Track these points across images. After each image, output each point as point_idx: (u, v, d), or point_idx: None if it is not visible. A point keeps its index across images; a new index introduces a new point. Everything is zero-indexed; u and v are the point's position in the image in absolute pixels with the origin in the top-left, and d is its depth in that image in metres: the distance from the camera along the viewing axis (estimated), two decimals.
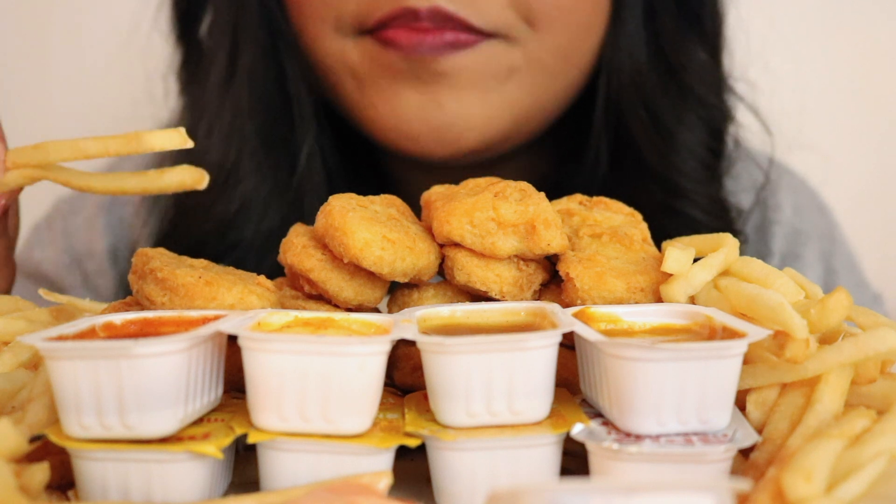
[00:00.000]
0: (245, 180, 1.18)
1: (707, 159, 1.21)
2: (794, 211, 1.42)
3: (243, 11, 1.17)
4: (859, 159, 2.02)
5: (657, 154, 1.18)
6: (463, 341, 0.63)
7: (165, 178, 0.78)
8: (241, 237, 1.18)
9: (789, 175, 1.44)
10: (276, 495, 0.61)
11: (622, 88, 1.18)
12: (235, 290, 0.72)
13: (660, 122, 1.18)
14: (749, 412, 0.69)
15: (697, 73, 1.20)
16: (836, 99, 2.01)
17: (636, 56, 1.18)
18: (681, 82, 1.20)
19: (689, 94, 1.20)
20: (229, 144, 1.17)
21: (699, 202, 1.19)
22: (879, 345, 0.66)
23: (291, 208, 1.19)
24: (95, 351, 0.61)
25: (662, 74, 1.19)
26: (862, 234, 1.63)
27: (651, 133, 1.18)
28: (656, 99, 1.18)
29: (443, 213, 0.76)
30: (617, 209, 0.86)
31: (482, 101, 1.11)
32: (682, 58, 1.20)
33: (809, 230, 1.42)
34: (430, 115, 1.11)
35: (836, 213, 1.50)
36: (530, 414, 0.64)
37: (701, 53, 1.21)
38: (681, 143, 1.19)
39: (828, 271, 1.41)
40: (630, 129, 1.19)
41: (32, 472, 0.60)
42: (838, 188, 1.64)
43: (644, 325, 0.71)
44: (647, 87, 1.18)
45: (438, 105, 1.11)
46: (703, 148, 1.21)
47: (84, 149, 0.77)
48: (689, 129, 1.19)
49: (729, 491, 0.52)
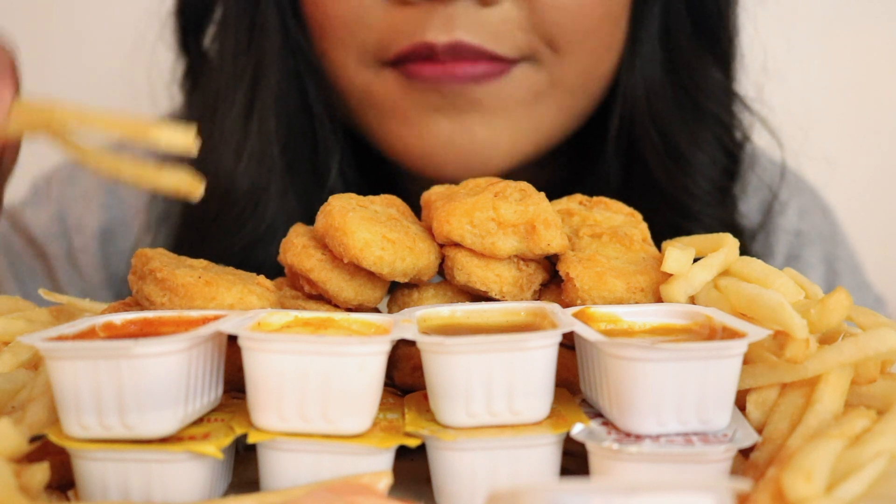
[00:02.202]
0: (273, 203, 1.17)
1: (721, 180, 1.21)
2: (797, 213, 1.41)
3: (264, 35, 1.15)
4: (862, 162, 2.02)
5: (667, 175, 1.18)
6: (463, 341, 0.63)
7: (162, 177, 0.76)
8: (266, 260, 1.16)
9: (793, 177, 1.44)
10: (276, 495, 0.61)
11: (636, 108, 1.18)
12: (235, 290, 0.72)
13: (672, 143, 1.18)
14: (749, 412, 0.69)
15: (713, 92, 1.20)
16: (839, 103, 2.01)
17: (651, 75, 1.18)
18: (695, 102, 1.19)
19: (704, 113, 1.20)
20: (259, 170, 1.16)
21: (709, 224, 1.18)
22: (879, 345, 0.66)
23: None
24: (95, 351, 0.61)
25: (677, 94, 1.19)
26: (864, 236, 1.63)
27: (662, 154, 1.18)
28: (670, 119, 1.18)
29: (443, 213, 0.76)
30: (617, 209, 0.86)
31: (511, 127, 1.11)
32: (697, 78, 1.19)
33: (812, 232, 1.42)
34: (460, 142, 1.11)
35: (839, 215, 1.50)
36: (530, 414, 0.64)
37: (716, 73, 1.21)
38: (694, 165, 1.18)
39: (830, 273, 1.41)
40: (642, 149, 1.18)
41: (32, 472, 0.60)
42: (841, 190, 1.64)
43: (644, 325, 0.71)
44: (660, 108, 1.18)
45: (469, 132, 1.10)
46: (718, 169, 1.20)
47: (90, 120, 0.75)
48: (702, 149, 1.19)
49: (729, 491, 0.52)
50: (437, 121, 1.10)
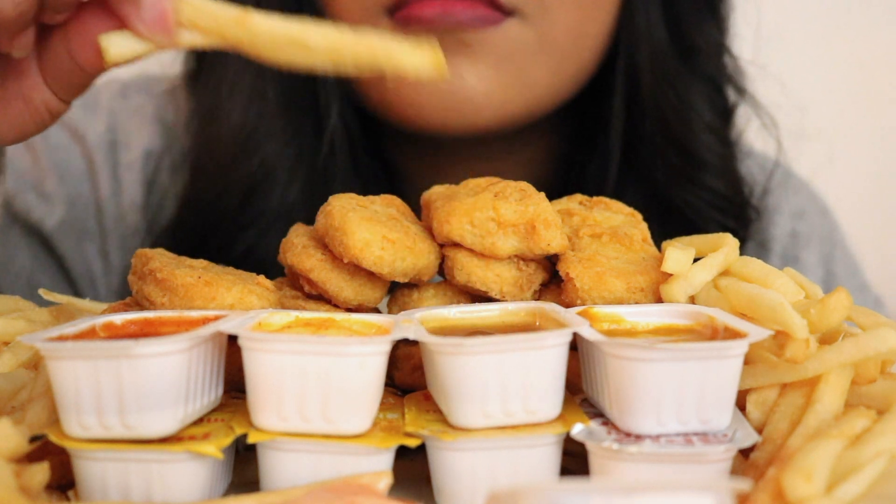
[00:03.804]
0: (265, 144, 1.17)
1: (721, 132, 1.24)
2: (795, 214, 1.41)
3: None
4: (861, 162, 2.02)
5: (682, 125, 1.20)
6: (480, 342, 0.62)
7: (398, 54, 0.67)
8: (266, 207, 1.17)
9: (791, 177, 1.44)
10: (276, 495, 0.61)
11: (642, 68, 1.20)
12: (235, 290, 0.72)
13: (682, 97, 1.21)
14: (749, 412, 0.69)
15: (713, 54, 1.23)
16: (839, 101, 2.01)
17: (655, 36, 1.20)
18: (696, 62, 1.22)
19: (703, 72, 1.22)
20: (249, 106, 1.17)
21: (719, 172, 1.22)
22: (879, 345, 0.66)
23: (316, 184, 1.19)
24: (96, 351, 0.61)
25: (680, 53, 1.21)
26: (863, 236, 1.63)
27: (676, 107, 1.20)
28: (677, 76, 1.21)
29: (443, 213, 0.76)
30: (617, 209, 0.86)
31: (501, 81, 1.12)
32: (698, 38, 1.22)
33: (810, 233, 1.42)
34: (450, 87, 1.11)
35: (838, 215, 1.49)
36: (545, 413, 0.64)
37: (716, 34, 1.24)
38: (699, 117, 1.22)
39: (828, 274, 1.41)
40: (653, 106, 1.21)
41: (32, 472, 0.60)
42: (840, 190, 1.64)
43: (647, 326, 0.71)
44: (668, 65, 1.20)
45: (459, 77, 1.11)
46: (718, 121, 1.24)
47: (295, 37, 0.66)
48: (703, 102, 1.22)
49: (729, 491, 0.52)
50: None
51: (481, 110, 1.13)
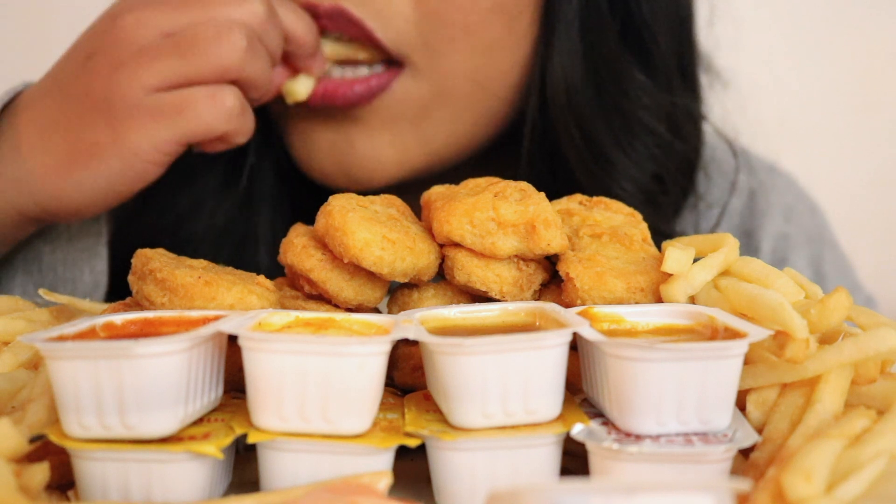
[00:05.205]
0: (199, 175, 1.18)
1: (649, 186, 1.14)
2: (783, 214, 1.38)
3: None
4: (854, 161, 2.02)
5: (589, 176, 1.12)
6: (481, 341, 0.62)
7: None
8: (193, 231, 1.18)
9: (779, 176, 1.41)
10: (276, 495, 0.61)
11: (557, 109, 1.11)
12: (235, 290, 0.72)
13: (595, 143, 1.12)
14: (749, 412, 0.69)
15: (638, 96, 1.13)
16: (833, 101, 2.01)
17: (571, 71, 1.10)
18: (619, 104, 1.12)
19: (630, 117, 1.13)
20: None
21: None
22: (879, 345, 0.66)
23: (241, 208, 1.20)
24: (96, 351, 0.61)
25: (601, 93, 1.12)
26: (857, 235, 1.62)
27: (584, 154, 1.12)
28: (592, 118, 1.11)
29: (443, 213, 0.76)
30: (617, 209, 0.86)
31: (394, 142, 1.10)
32: (620, 79, 1.12)
33: (799, 234, 1.38)
34: (342, 153, 1.10)
35: (830, 214, 1.47)
36: (545, 413, 0.64)
37: (640, 76, 1.13)
38: (618, 168, 1.12)
39: (817, 275, 1.38)
40: (563, 153, 1.12)
41: (32, 472, 0.60)
42: (833, 190, 1.63)
43: (647, 326, 0.71)
44: (581, 105, 1.11)
45: (350, 144, 1.10)
46: (645, 175, 1.14)
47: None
48: (627, 154, 1.13)
49: (729, 491, 0.52)
50: (318, 131, 1.11)
51: (377, 172, 1.11)
